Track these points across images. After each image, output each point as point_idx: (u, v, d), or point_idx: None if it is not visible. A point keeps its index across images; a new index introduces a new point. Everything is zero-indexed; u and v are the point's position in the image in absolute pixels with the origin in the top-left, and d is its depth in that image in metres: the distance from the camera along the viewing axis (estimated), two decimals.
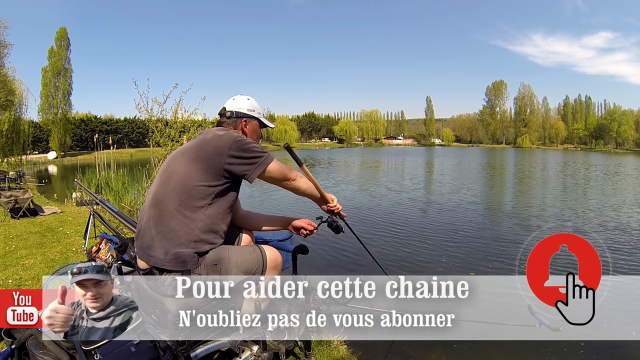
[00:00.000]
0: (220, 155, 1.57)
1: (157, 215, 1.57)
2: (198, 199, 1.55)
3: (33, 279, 3.73)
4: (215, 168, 1.57)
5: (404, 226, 7.67)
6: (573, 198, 12.00)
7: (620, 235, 6.91)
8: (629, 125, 70.76)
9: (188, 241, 1.52)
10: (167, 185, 1.60)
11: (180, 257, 1.51)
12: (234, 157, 1.57)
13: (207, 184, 1.56)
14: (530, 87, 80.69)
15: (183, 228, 1.53)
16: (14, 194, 7.15)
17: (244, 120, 1.77)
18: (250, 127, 1.78)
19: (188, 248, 1.52)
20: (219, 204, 1.60)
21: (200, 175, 1.56)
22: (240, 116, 1.77)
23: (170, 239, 1.52)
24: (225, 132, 1.65)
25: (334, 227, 1.83)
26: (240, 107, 1.78)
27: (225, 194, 1.61)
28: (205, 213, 1.56)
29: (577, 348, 3.12)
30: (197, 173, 1.56)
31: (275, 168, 1.64)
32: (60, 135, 39.91)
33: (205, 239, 1.56)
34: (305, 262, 2.03)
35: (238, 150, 1.59)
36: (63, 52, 39.02)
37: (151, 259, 1.54)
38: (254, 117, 1.80)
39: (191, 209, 1.54)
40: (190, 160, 1.59)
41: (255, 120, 1.81)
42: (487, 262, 5.37)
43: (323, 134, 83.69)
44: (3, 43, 21.64)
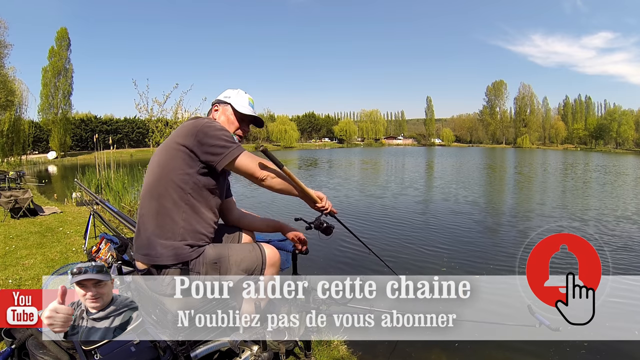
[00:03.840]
0: (189, 141, 1.52)
1: (143, 213, 1.56)
2: (178, 189, 1.52)
3: (33, 279, 3.72)
4: (187, 154, 1.53)
5: (405, 226, 7.67)
6: (573, 198, 12.00)
7: (620, 235, 6.91)
8: (629, 125, 70.74)
9: (176, 234, 1.51)
10: (148, 179, 1.59)
11: (171, 249, 1.50)
12: (200, 143, 1.52)
13: (184, 171, 1.52)
14: (530, 87, 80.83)
15: (168, 221, 1.51)
16: (14, 194, 7.15)
17: (215, 105, 1.76)
18: (221, 111, 1.74)
19: (177, 240, 1.51)
20: (201, 192, 1.56)
21: (175, 164, 1.52)
22: (215, 102, 1.77)
23: (158, 234, 1.51)
24: (197, 119, 1.62)
25: (322, 228, 1.76)
26: (221, 95, 1.78)
27: (205, 181, 1.57)
28: (189, 203, 1.53)
29: (577, 348, 3.11)
30: (172, 162, 1.53)
31: (244, 162, 1.54)
32: (60, 135, 39.91)
33: (193, 229, 1.54)
34: (305, 262, 2.03)
35: (204, 136, 1.52)
36: (63, 52, 39.03)
37: (145, 257, 1.53)
38: (227, 103, 1.75)
39: (172, 200, 1.52)
40: (166, 151, 1.57)
41: (228, 106, 1.74)
42: (487, 262, 5.37)
43: (323, 134, 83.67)
44: (3, 43, 21.66)
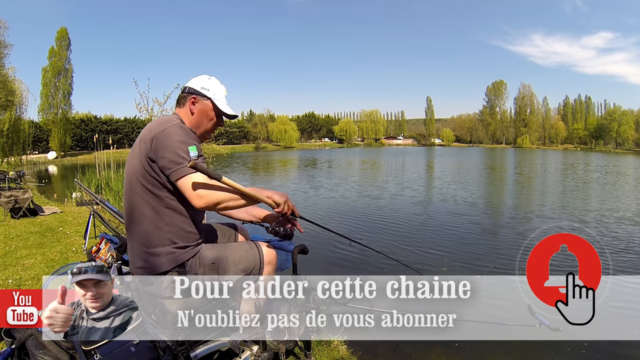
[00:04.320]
0: (148, 147, 1.42)
1: (128, 225, 1.52)
2: (152, 197, 1.44)
3: (33, 279, 3.72)
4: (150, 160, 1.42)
5: (404, 226, 7.67)
6: (573, 198, 11.99)
7: (620, 235, 6.91)
8: (628, 125, 70.74)
9: (164, 239, 1.46)
10: (125, 189, 1.51)
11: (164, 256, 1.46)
12: (155, 151, 1.41)
13: (154, 178, 1.43)
14: (530, 87, 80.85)
15: (152, 229, 1.45)
16: (14, 194, 7.15)
17: (193, 97, 1.57)
18: (199, 106, 1.57)
19: (167, 246, 1.46)
20: (178, 192, 1.43)
21: (143, 171, 1.43)
22: (191, 92, 1.58)
23: (146, 243, 1.46)
24: (161, 122, 1.48)
25: (281, 234, 1.63)
26: (196, 84, 1.60)
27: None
28: (168, 206, 1.45)
29: (577, 348, 3.12)
30: (140, 168, 1.44)
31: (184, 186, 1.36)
32: (60, 135, 39.94)
33: (180, 230, 1.48)
34: (305, 262, 2.03)
35: (158, 145, 1.39)
36: (63, 52, 39.05)
37: (140, 270, 1.49)
38: (207, 97, 1.58)
39: (150, 207, 1.45)
40: (132, 157, 1.48)
41: (208, 101, 1.58)
42: (487, 262, 5.37)
43: (323, 134, 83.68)
44: (3, 43, 21.65)
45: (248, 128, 70.17)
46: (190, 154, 1.38)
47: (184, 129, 1.47)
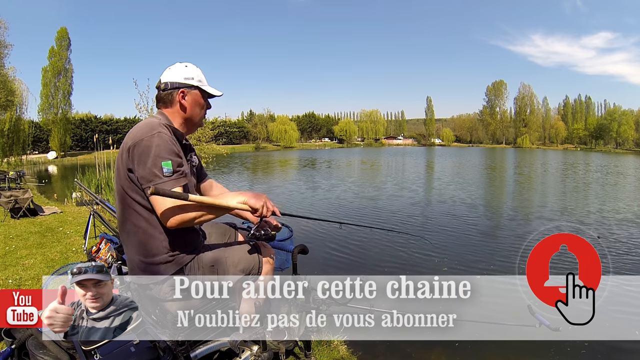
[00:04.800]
0: (128, 155, 1.37)
1: (123, 237, 1.49)
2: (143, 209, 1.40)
3: (33, 279, 3.72)
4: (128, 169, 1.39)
5: (405, 226, 7.67)
6: (573, 198, 12.00)
7: (620, 236, 6.91)
8: (628, 125, 70.73)
9: (161, 248, 1.44)
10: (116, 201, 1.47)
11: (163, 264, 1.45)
12: (130, 161, 1.36)
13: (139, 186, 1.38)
14: (530, 87, 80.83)
15: (147, 239, 1.43)
16: (14, 194, 7.15)
17: (181, 91, 1.50)
18: (190, 98, 1.51)
19: (165, 254, 1.44)
20: None
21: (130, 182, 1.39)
22: (177, 87, 1.50)
23: (144, 253, 1.44)
24: (143, 126, 1.41)
25: (261, 237, 1.57)
26: (176, 76, 1.50)
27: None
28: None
29: (577, 348, 3.12)
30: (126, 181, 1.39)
31: (156, 203, 1.32)
32: (60, 135, 39.94)
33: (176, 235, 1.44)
34: (305, 262, 2.03)
35: (135, 156, 1.35)
36: (63, 52, 39.06)
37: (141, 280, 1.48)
38: (194, 86, 1.51)
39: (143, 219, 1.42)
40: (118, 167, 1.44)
41: (196, 90, 1.52)
42: (487, 262, 5.37)
43: (323, 134, 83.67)
44: (3, 43, 21.66)
45: (248, 128, 70.19)
46: (164, 170, 1.32)
47: (163, 138, 1.37)
